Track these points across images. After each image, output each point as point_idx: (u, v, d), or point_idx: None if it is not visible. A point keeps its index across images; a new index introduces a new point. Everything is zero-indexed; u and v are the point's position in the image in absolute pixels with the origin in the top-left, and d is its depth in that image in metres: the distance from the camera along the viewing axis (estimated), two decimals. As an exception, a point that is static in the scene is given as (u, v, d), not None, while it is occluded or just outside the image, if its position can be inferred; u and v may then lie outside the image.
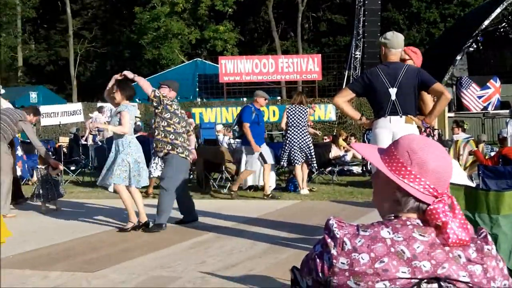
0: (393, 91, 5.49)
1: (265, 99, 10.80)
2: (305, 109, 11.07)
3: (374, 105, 5.69)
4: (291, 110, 11.03)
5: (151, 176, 10.49)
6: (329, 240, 1.73)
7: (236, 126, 10.92)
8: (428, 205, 1.73)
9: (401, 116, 5.48)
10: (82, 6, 45.12)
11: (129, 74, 7.53)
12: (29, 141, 10.02)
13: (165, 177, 7.75)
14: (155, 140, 7.82)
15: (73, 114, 19.72)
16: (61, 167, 10.35)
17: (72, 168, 14.28)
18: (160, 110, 7.67)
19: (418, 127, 5.68)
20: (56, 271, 5.53)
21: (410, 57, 5.91)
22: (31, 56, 41.18)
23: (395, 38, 5.62)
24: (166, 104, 7.65)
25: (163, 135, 7.68)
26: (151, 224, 7.48)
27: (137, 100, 24.39)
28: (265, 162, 10.57)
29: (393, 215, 1.77)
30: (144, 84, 7.62)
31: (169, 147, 7.66)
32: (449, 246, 1.69)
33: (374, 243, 1.68)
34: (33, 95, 21.65)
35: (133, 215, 7.48)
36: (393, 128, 5.49)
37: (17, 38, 37.65)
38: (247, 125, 10.28)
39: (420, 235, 1.70)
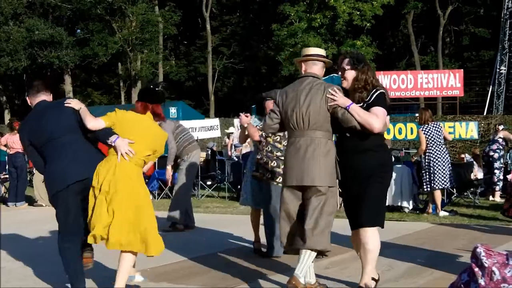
0: None
1: None
2: (439, 125, 10.67)
3: None
4: (427, 129, 10.62)
5: None
6: (476, 269, 1.61)
7: None
8: None
9: None
10: (222, 22, 46.63)
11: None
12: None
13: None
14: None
15: (210, 130, 20.18)
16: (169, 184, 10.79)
17: (209, 183, 14.71)
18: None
19: None
20: (193, 285, 5.62)
21: None
22: (171, 72, 42.96)
23: None
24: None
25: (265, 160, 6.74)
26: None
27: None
28: None
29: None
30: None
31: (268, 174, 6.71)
32: None
33: (527, 274, 1.54)
34: (173, 110, 22.20)
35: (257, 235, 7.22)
36: None
37: (158, 55, 39.34)
38: None
39: None
